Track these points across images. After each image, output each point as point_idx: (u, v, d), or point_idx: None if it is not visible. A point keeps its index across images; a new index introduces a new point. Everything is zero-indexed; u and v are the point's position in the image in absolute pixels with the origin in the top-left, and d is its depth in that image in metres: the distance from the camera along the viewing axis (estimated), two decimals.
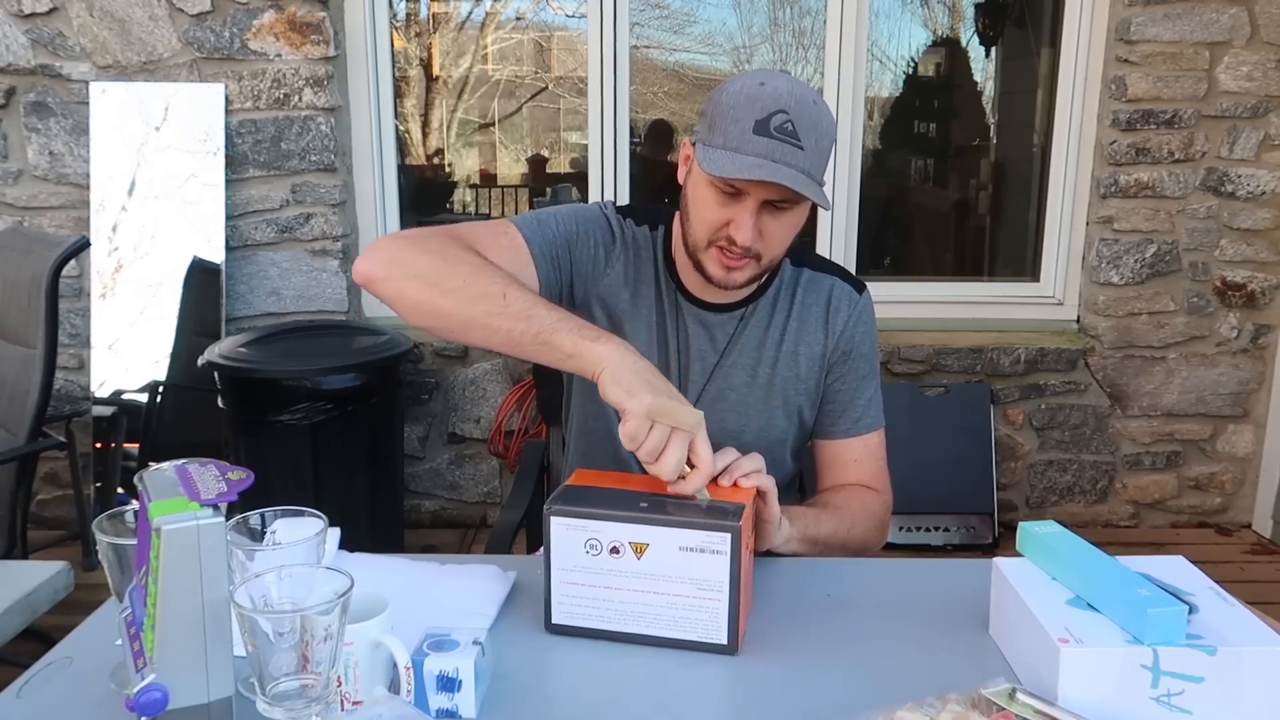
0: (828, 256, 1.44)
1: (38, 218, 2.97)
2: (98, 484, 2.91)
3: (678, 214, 1.34)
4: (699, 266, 1.28)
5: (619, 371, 1.04)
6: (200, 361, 2.64)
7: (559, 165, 3.90)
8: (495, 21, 3.64)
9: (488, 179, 3.97)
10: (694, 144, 1.26)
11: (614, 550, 1.01)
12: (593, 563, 1.02)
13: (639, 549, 1.01)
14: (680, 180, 1.31)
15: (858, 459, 1.41)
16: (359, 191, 3.13)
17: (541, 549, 1.09)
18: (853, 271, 1.46)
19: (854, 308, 1.40)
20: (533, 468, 1.80)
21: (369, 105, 3.07)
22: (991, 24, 3.55)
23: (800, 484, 1.58)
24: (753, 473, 1.11)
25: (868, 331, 1.42)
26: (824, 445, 1.44)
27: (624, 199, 3.16)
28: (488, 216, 3.97)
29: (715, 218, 1.23)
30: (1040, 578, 1.02)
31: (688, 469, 1.05)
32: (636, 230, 1.39)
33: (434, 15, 3.59)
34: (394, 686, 0.88)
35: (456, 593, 1.13)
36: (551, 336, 1.08)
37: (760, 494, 1.13)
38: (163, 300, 2.92)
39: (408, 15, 3.55)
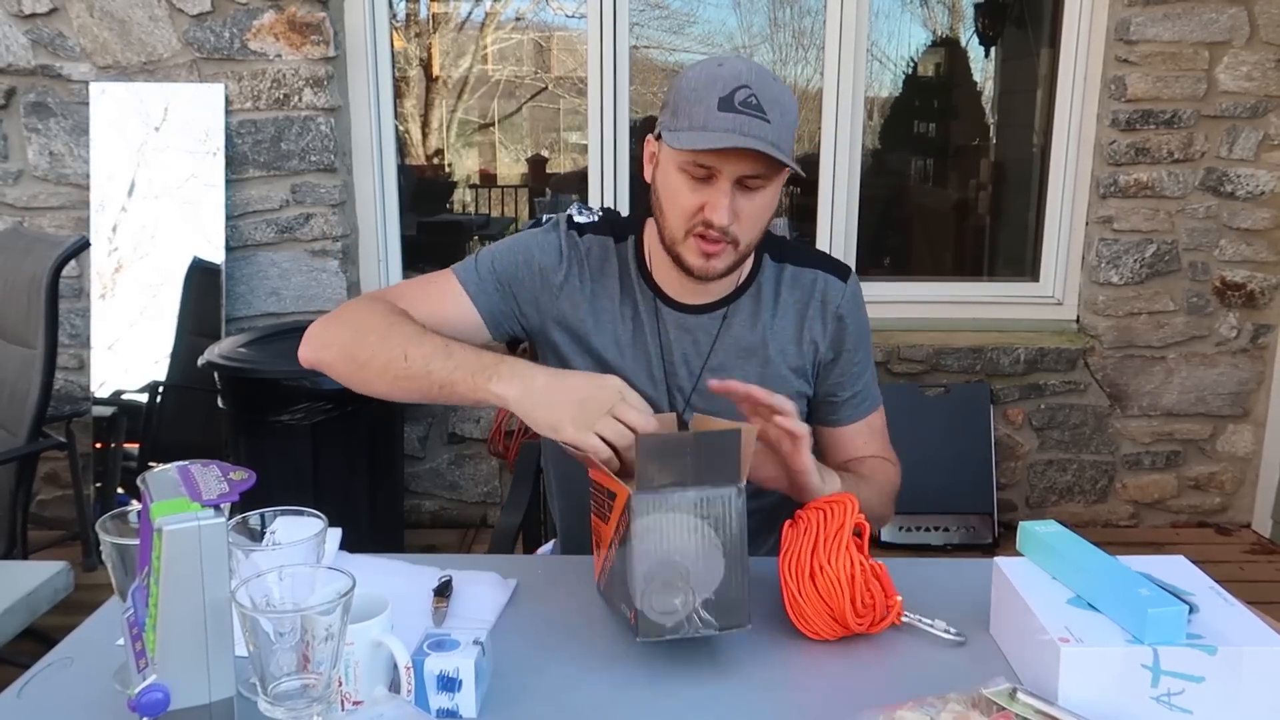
0: (860, 296, 1.42)
1: (38, 218, 2.97)
2: (98, 484, 2.91)
3: (650, 219, 1.33)
4: (678, 260, 1.26)
5: (527, 407, 1.07)
6: (200, 361, 2.64)
7: (559, 165, 3.91)
8: (495, 21, 3.64)
9: (488, 179, 3.97)
10: (659, 135, 1.25)
11: None
12: None
13: None
14: (648, 179, 1.30)
15: (865, 441, 1.41)
16: (359, 192, 3.13)
17: (541, 549, 1.10)
18: (852, 271, 1.45)
19: (840, 297, 1.37)
20: (530, 469, 1.80)
21: (369, 105, 3.07)
22: (991, 24, 3.55)
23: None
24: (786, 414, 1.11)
25: (858, 318, 1.40)
26: (828, 433, 1.42)
27: (624, 199, 3.16)
28: (488, 217, 3.98)
29: (689, 203, 1.21)
30: (1041, 577, 1.02)
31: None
32: (595, 241, 1.36)
33: (434, 15, 3.59)
34: (394, 686, 0.88)
35: (457, 597, 1.13)
36: (452, 387, 1.13)
37: (792, 438, 1.12)
38: (163, 300, 2.92)
39: (408, 15, 3.55)
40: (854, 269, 1.42)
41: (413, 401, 1.20)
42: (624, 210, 3.10)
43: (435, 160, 3.81)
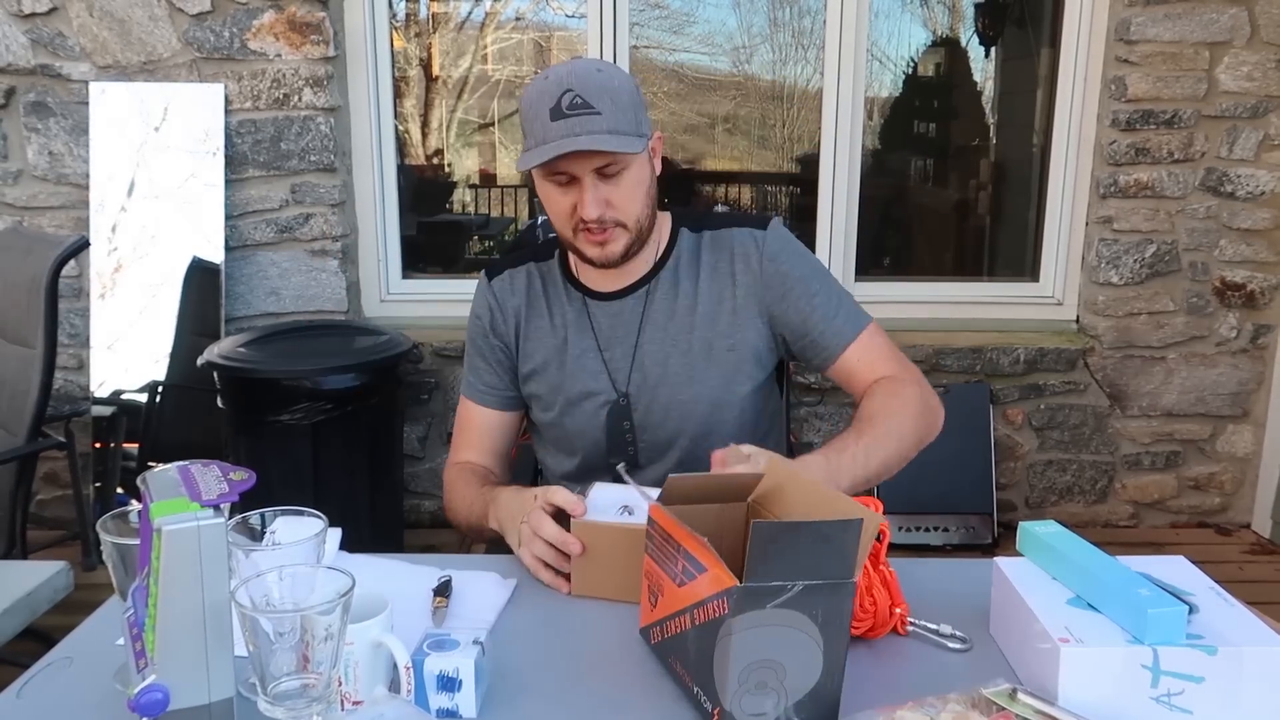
0: (785, 238, 1.46)
1: (37, 218, 2.97)
2: (97, 484, 2.91)
3: None
4: (581, 257, 1.38)
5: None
6: (200, 361, 2.64)
7: None
8: (495, 21, 3.64)
9: (487, 179, 3.97)
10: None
11: None
12: None
13: None
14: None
15: (861, 360, 1.41)
16: (358, 191, 3.13)
17: None
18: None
19: (761, 245, 1.41)
20: (529, 470, 1.80)
21: (369, 105, 3.07)
22: (991, 24, 3.55)
23: (791, 450, 1.63)
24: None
25: (789, 256, 1.41)
26: (832, 370, 1.44)
27: None
28: (487, 217, 3.98)
29: (563, 207, 1.33)
30: (1041, 577, 1.02)
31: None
32: (510, 276, 1.50)
33: (434, 15, 3.59)
34: (394, 686, 0.88)
35: (457, 597, 1.13)
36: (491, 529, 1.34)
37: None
38: (162, 300, 2.92)
39: (407, 15, 3.55)
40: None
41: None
42: None
43: (435, 160, 3.81)
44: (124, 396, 2.91)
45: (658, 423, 1.41)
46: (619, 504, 1.17)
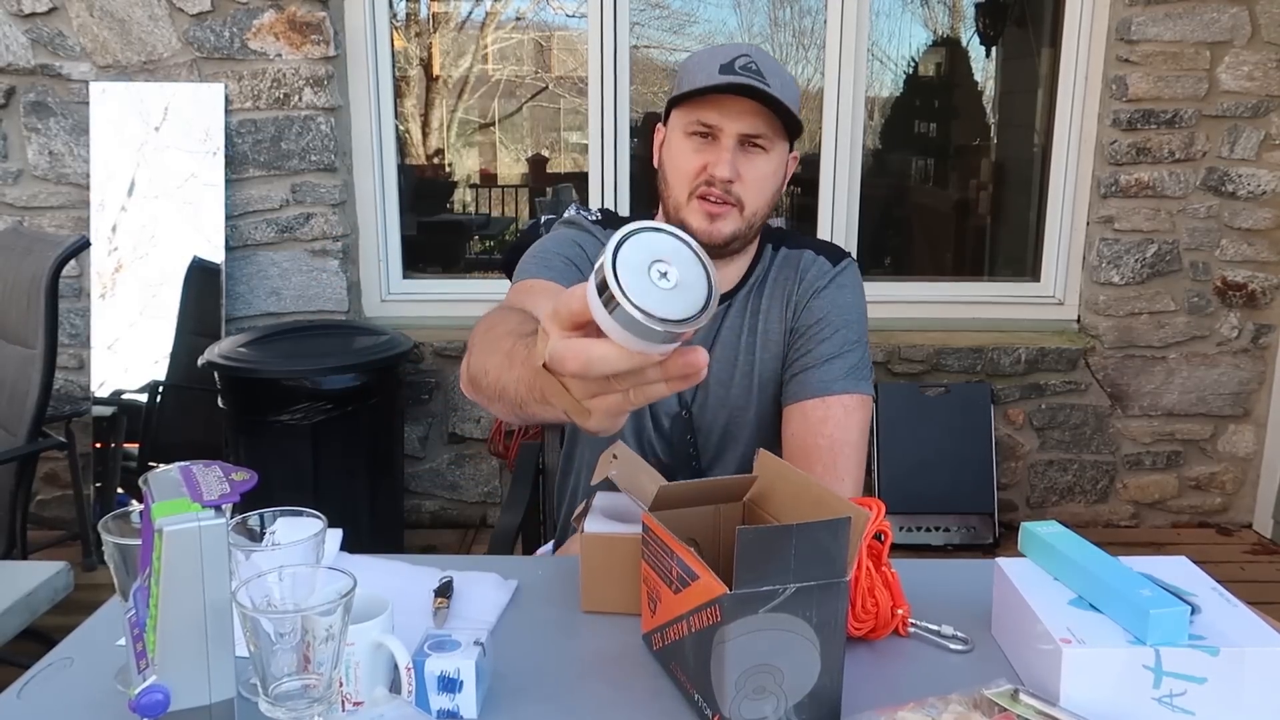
0: (853, 281, 1.40)
1: (37, 218, 2.97)
2: (98, 484, 2.91)
3: (659, 212, 1.38)
4: (684, 226, 1.28)
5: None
6: (200, 361, 2.64)
7: (559, 165, 3.90)
8: (495, 21, 3.64)
9: (488, 179, 3.96)
10: (666, 110, 1.32)
11: None
12: None
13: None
14: (656, 164, 1.35)
15: (824, 417, 1.30)
16: (359, 191, 3.13)
17: (541, 549, 1.09)
18: (849, 257, 1.42)
19: (823, 275, 1.37)
20: (528, 470, 1.79)
21: (369, 105, 3.07)
22: (991, 24, 3.55)
23: None
24: None
25: (844, 298, 1.37)
26: (790, 407, 1.34)
27: (624, 199, 3.16)
28: (488, 217, 3.98)
29: (693, 164, 1.28)
30: (1042, 578, 1.02)
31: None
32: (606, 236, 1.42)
33: (434, 15, 3.58)
34: (395, 687, 0.88)
35: (458, 598, 1.13)
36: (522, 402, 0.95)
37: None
38: (163, 300, 2.92)
39: (408, 15, 3.55)
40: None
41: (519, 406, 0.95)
42: (623, 213, 3.09)
43: (435, 160, 3.80)
44: (124, 396, 2.91)
45: (716, 438, 1.40)
46: (623, 510, 1.16)
